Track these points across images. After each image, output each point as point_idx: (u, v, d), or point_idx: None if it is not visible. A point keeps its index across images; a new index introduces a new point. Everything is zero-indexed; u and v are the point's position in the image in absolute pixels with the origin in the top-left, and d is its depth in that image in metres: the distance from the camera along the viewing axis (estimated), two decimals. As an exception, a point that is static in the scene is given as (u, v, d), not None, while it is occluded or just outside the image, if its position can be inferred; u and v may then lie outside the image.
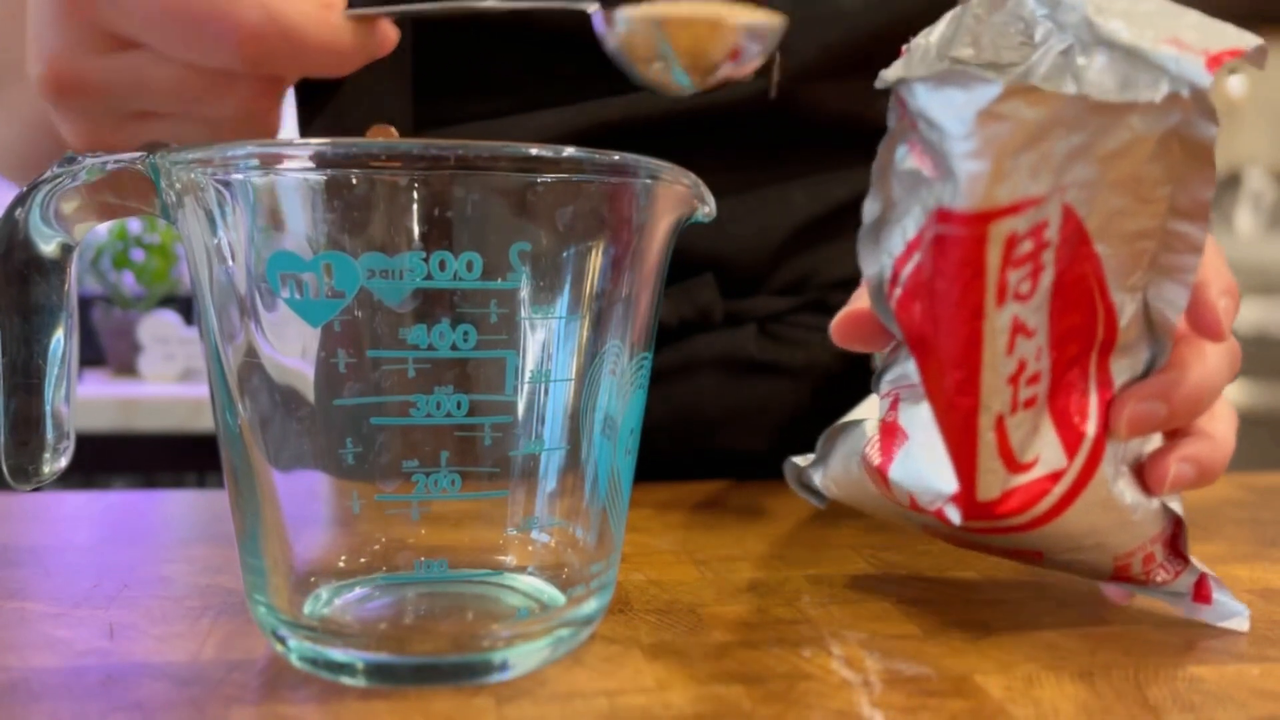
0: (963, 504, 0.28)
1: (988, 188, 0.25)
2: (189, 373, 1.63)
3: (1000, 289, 0.26)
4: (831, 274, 0.61)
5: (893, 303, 0.29)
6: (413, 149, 0.24)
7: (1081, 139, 0.26)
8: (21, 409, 0.30)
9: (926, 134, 0.26)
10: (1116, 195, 0.27)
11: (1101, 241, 0.27)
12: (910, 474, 0.30)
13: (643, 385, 0.31)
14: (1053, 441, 0.29)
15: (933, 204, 0.26)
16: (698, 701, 0.26)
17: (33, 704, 0.25)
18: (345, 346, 0.26)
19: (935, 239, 0.26)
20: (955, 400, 0.27)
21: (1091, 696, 0.27)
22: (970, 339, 0.26)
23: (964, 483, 0.28)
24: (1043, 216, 0.26)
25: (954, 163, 0.25)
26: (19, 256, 0.29)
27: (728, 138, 0.54)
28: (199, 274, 0.27)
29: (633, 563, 0.38)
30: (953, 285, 0.26)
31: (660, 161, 0.27)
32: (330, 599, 0.29)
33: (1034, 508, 0.28)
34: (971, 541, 0.33)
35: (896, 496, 0.31)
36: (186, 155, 0.26)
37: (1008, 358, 0.27)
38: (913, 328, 0.28)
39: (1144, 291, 0.29)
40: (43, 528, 0.42)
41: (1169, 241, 0.28)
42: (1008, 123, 0.25)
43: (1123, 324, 0.29)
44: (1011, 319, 0.26)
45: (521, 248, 0.26)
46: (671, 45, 0.34)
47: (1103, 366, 0.29)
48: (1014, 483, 0.28)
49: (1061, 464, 0.29)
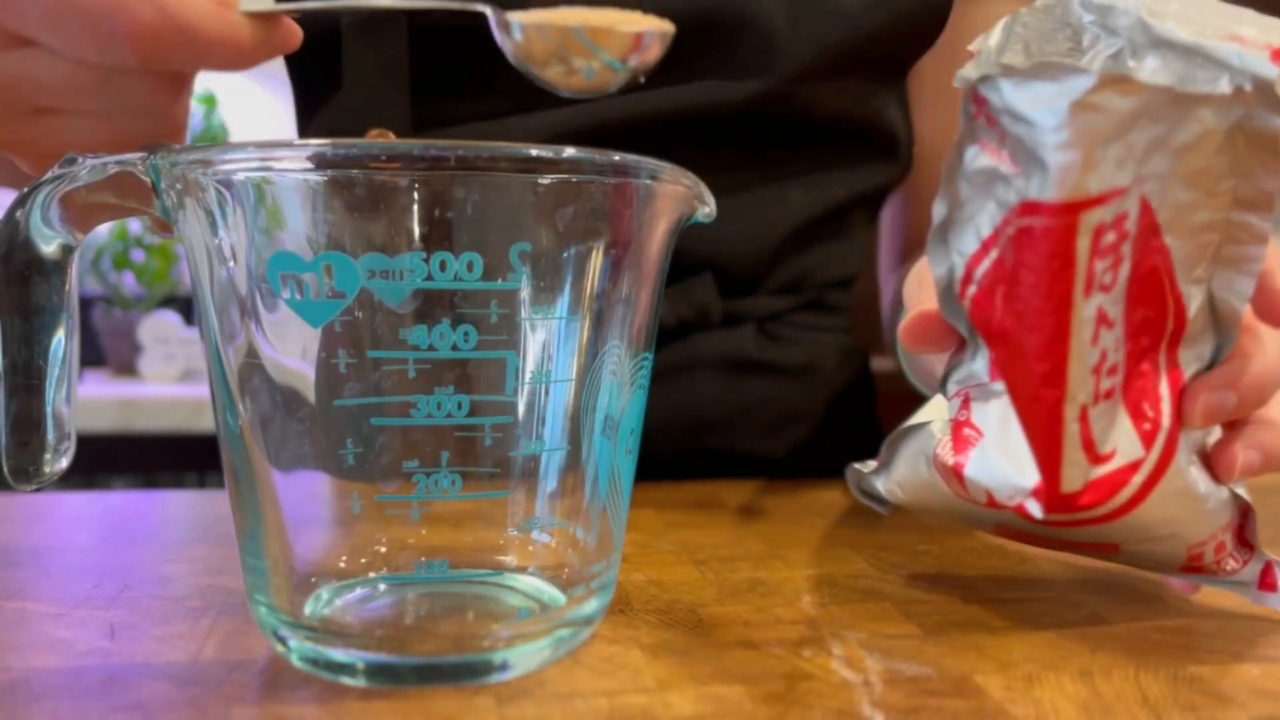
0: (1044, 497, 0.29)
1: (1079, 178, 0.26)
2: (189, 373, 1.63)
3: (1088, 279, 0.27)
4: (829, 273, 0.61)
5: (966, 301, 0.30)
6: (413, 149, 0.24)
7: (1160, 131, 0.26)
8: (22, 409, 0.30)
9: (1011, 129, 0.27)
10: (1185, 188, 0.27)
11: (1170, 234, 0.28)
12: (987, 470, 0.30)
13: (643, 385, 0.31)
14: (1129, 432, 0.29)
15: (1014, 199, 0.27)
16: (698, 701, 0.26)
17: (33, 704, 0.25)
18: (346, 347, 0.26)
19: (1019, 232, 0.27)
20: (1041, 392, 0.28)
21: (1092, 696, 0.27)
22: (1058, 331, 0.27)
23: (1047, 475, 0.28)
24: (1125, 208, 0.27)
25: (1045, 154, 0.26)
26: (20, 257, 0.29)
27: (726, 138, 0.54)
28: (199, 274, 0.27)
29: (633, 563, 0.38)
30: (1041, 277, 0.27)
31: (660, 161, 0.27)
32: (331, 599, 0.29)
33: (1114, 498, 0.29)
34: (1046, 537, 0.33)
35: (972, 494, 0.31)
36: (187, 156, 0.26)
37: (1092, 348, 0.27)
38: (991, 323, 0.29)
39: (1209, 283, 0.29)
40: (44, 528, 0.42)
41: (1233, 233, 0.29)
42: (1099, 113, 0.25)
43: (1190, 315, 0.29)
44: (1097, 309, 0.27)
45: (522, 248, 0.26)
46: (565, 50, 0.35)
47: (1172, 358, 0.30)
48: (1095, 474, 0.29)
49: (1139, 454, 0.29)
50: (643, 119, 0.52)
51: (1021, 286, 0.28)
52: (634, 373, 0.30)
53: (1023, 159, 0.27)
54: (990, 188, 0.28)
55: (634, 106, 0.52)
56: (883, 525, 0.45)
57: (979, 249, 0.29)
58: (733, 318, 0.57)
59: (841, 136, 0.58)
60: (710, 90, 0.53)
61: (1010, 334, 0.28)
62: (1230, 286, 0.29)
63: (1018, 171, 0.27)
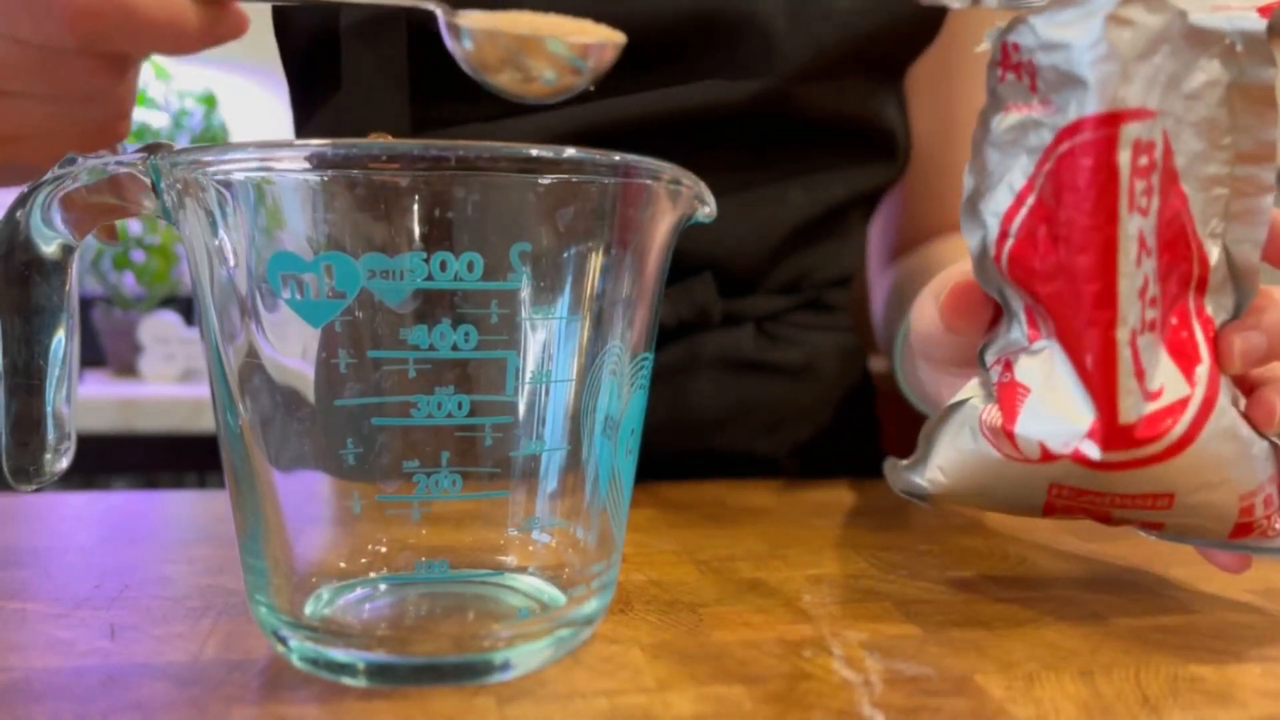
0: (1101, 434, 0.29)
1: (1117, 89, 0.28)
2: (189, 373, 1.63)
3: (1130, 194, 0.28)
4: (828, 273, 0.61)
5: (1004, 258, 0.31)
6: (413, 150, 0.24)
7: (1175, 69, 0.28)
8: (22, 410, 0.30)
9: (1046, 62, 0.29)
10: (1195, 137, 0.29)
11: (1186, 182, 0.29)
12: (1038, 422, 0.30)
13: (643, 385, 0.31)
14: (1172, 370, 0.30)
15: (1049, 137, 0.29)
16: (698, 702, 0.26)
17: (34, 704, 0.25)
18: (346, 347, 0.26)
19: (1060, 160, 0.29)
20: (1094, 315, 0.29)
21: (1092, 696, 0.27)
22: (1106, 246, 0.28)
23: (1104, 408, 0.29)
24: (1154, 135, 0.28)
25: (1084, 71, 0.28)
26: (20, 257, 0.29)
27: (725, 138, 0.54)
28: (200, 275, 0.27)
29: (633, 563, 0.38)
30: (1086, 193, 0.28)
31: (661, 161, 0.27)
32: (331, 599, 0.29)
33: (1168, 433, 0.29)
34: (1097, 502, 0.32)
35: (1025, 451, 0.31)
36: (187, 156, 0.26)
37: (1136, 271, 0.28)
38: (1034, 268, 0.30)
39: (1223, 239, 0.31)
40: (44, 528, 0.42)
41: (1239, 187, 0.30)
42: (1131, 27, 0.28)
43: (1212, 265, 0.30)
44: (1138, 230, 0.28)
45: (522, 248, 0.26)
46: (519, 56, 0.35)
47: (1200, 306, 0.31)
48: (1147, 409, 0.29)
49: (1185, 391, 0.29)
50: (642, 119, 0.52)
51: (1066, 210, 0.29)
52: (634, 373, 0.30)
53: (1058, 91, 0.29)
54: (1021, 141, 0.30)
55: (633, 107, 0.52)
56: (883, 526, 0.45)
57: (1013, 202, 0.31)
58: (732, 318, 0.57)
59: (840, 136, 0.58)
60: (709, 91, 0.53)
61: (1058, 266, 0.29)
62: (1243, 239, 0.31)
63: (1051, 110, 0.29)
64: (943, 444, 0.34)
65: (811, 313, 0.61)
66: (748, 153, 0.56)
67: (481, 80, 0.35)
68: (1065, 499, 0.32)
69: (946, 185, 0.66)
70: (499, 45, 0.34)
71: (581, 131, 0.52)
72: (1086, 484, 0.31)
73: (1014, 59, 0.30)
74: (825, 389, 0.61)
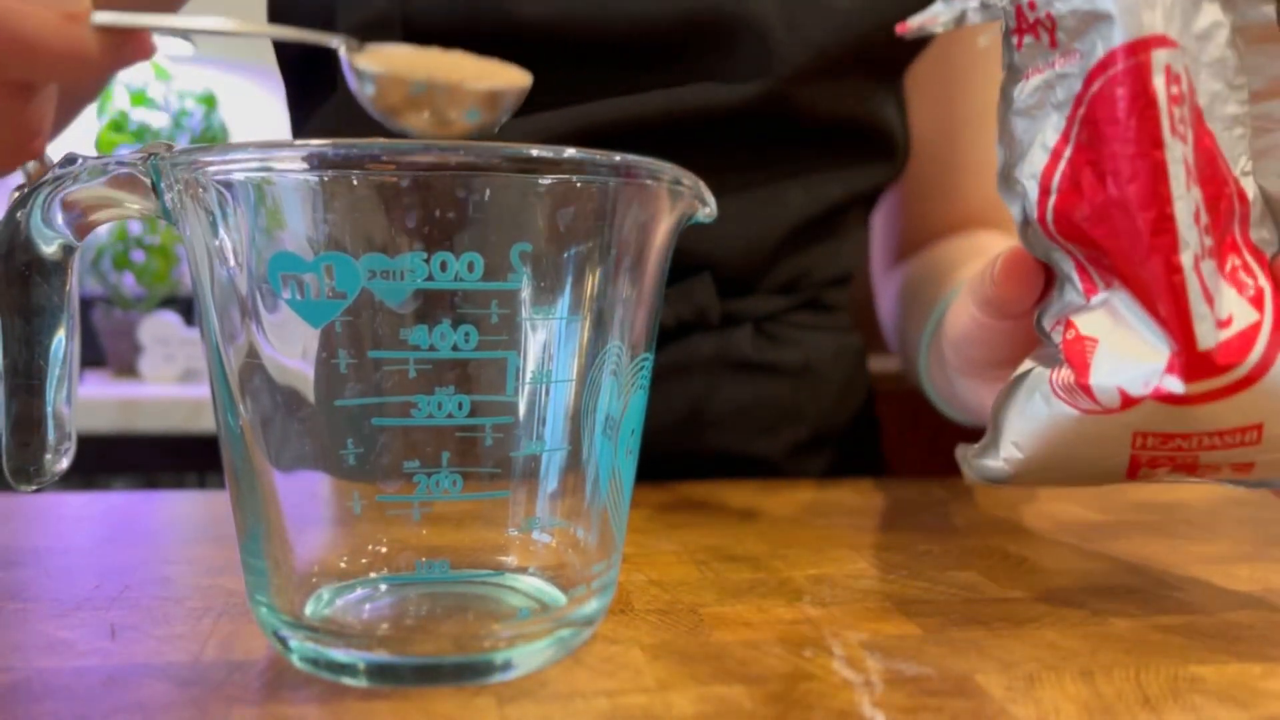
0: (1182, 365, 0.29)
1: (1143, 14, 0.28)
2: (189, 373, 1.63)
3: (1170, 119, 0.28)
4: (827, 272, 0.61)
5: (1049, 215, 0.31)
6: (414, 150, 0.24)
7: (1186, 4, 0.29)
8: (23, 410, 0.30)
9: (1068, 10, 0.30)
10: (1211, 77, 0.30)
11: (1210, 121, 0.30)
12: (1114, 368, 0.30)
13: (644, 386, 0.31)
14: (1236, 299, 0.30)
15: (1078, 86, 0.30)
16: (699, 702, 0.26)
17: (34, 704, 0.25)
18: (346, 347, 0.26)
19: (1095, 97, 0.29)
20: (1154, 242, 0.28)
21: (1092, 696, 0.27)
22: (1156, 170, 0.28)
23: (1181, 338, 0.29)
24: (1180, 67, 0.29)
25: (1109, 5, 0.29)
26: (20, 258, 0.29)
27: (723, 139, 0.54)
28: (200, 275, 0.27)
29: (634, 563, 0.38)
30: (1128, 122, 0.28)
31: (661, 162, 0.27)
32: (332, 599, 0.29)
33: (1247, 357, 0.29)
34: (1186, 445, 0.31)
35: (1104, 401, 0.30)
36: (187, 156, 0.26)
37: (1187, 194, 0.28)
38: (1083, 214, 0.30)
39: (1254, 176, 0.31)
40: (44, 529, 0.42)
41: (1259, 124, 0.31)
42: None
43: (1250, 198, 0.31)
44: (1183, 155, 0.28)
45: (523, 248, 0.26)
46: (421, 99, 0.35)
47: (1248, 239, 0.31)
48: (1222, 336, 0.29)
49: (1255, 317, 0.29)
50: (639, 121, 0.52)
51: (1110, 145, 0.29)
52: (635, 373, 0.30)
53: (1080, 36, 0.30)
54: (1047, 100, 0.31)
55: (631, 108, 0.52)
56: (883, 526, 0.45)
57: (1050, 159, 0.31)
58: (731, 318, 0.58)
59: (838, 137, 0.58)
60: (707, 93, 0.53)
61: (1109, 203, 0.29)
62: (1272, 172, 0.31)
63: (1075, 58, 0.30)
64: (1013, 417, 0.33)
65: (810, 313, 0.61)
66: (746, 153, 0.56)
67: (389, 123, 0.35)
68: (1152, 449, 0.31)
69: (950, 183, 0.66)
70: (403, 89, 0.34)
71: (580, 132, 0.52)
72: (1172, 425, 0.30)
73: (1030, 18, 0.31)
74: (825, 389, 0.61)
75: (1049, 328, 0.34)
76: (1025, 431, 0.33)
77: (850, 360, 0.63)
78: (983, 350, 0.40)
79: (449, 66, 0.34)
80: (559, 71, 0.52)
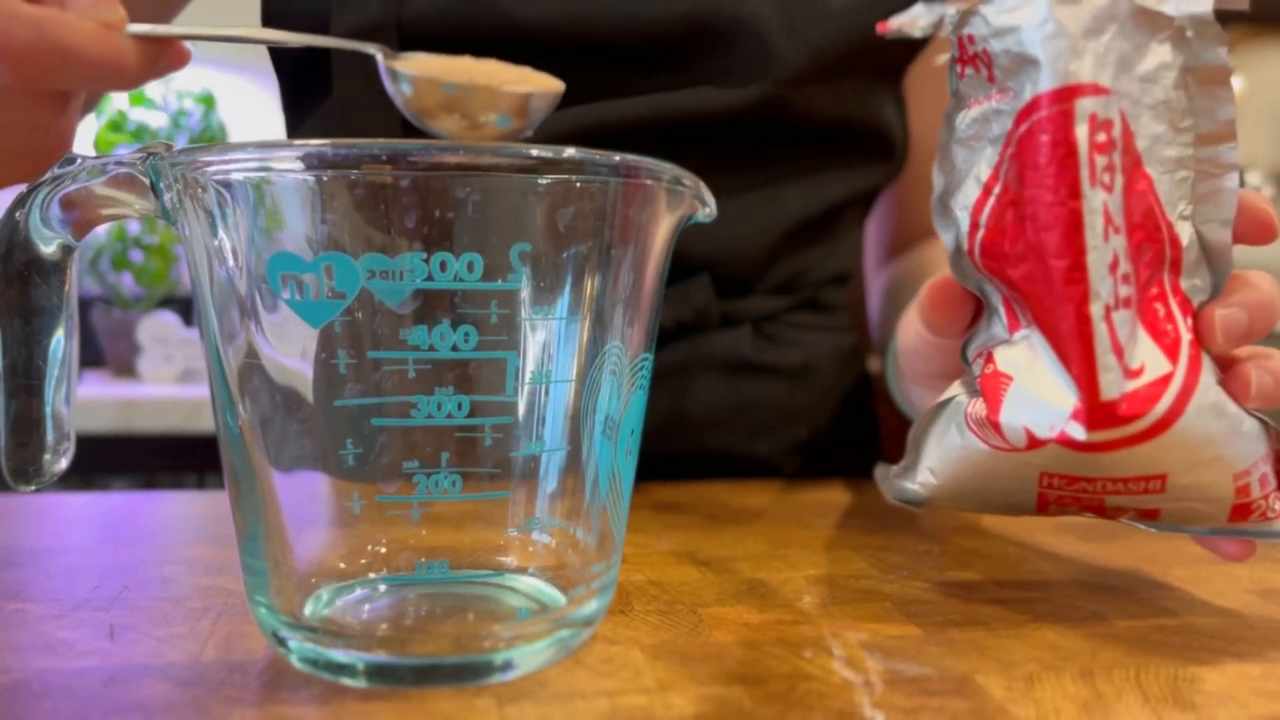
0: (1086, 414, 0.29)
1: (1068, 63, 0.28)
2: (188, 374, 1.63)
3: (1091, 169, 0.28)
4: (825, 272, 0.61)
5: (976, 249, 0.32)
6: (413, 150, 0.24)
7: (1126, 48, 0.29)
8: (22, 410, 0.30)
9: (1000, 47, 0.30)
10: (1154, 119, 0.30)
11: (1149, 164, 0.30)
12: (1022, 408, 0.30)
13: (643, 386, 0.31)
14: (1152, 349, 0.30)
15: (1009, 123, 0.30)
16: (698, 702, 0.26)
17: (34, 705, 0.25)
18: (346, 347, 0.26)
19: (1021, 140, 0.29)
20: (1066, 291, 0.29)
21: (1092, 696, 0.27)
22: (1071, 221, 0.28)
23: (1085, 387, 0.29)
24: (1111, 113, 0.29)
25: (1035, 50, 0.29)
26: (19, 258, 0.29)
27: (721, 140, 0.54)
28: (199, 275, 0.27)
29: (633, 563, 0.38)
30: (1047, 169, 0.29)
31: (661, 162, 0.27)
32: (331, 600, 0.29)
33: (1153, 409, 0.29)
34: (1090, 489, 0.31)
35: (1011, 439, 0.30)
36: (187, 156, 0.26)
37: (1105, 245, 0.28)
38: (1005, 252, 0.30)
39: (1193, 220, 0.31)
40: (43, 529, 0.42)
41: (1203, 168, 0.31)
42: (1075, 5, 0.29)
43: (1184, 245, 0.31)
44: (1103, 204, 0.28)
45: (522, 248, 0.26)
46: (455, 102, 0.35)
47: (1176, 287, 0.31)
48: (1129, 386, 0.29)
49: (1167, 368, 0.29)
50: (638, 122, 0.52)
51: (1030, 189, 0.29)
52: (634, 373, 0.30)
53: (1013, 75, 0.30)
54: (984, 134, 0.31)
55: (629, 110, 0.52)
56: (883, 526, 0.45)
57: (981, 193, 0.31)
58: (729, 318, 0.58)
59: (837, 138, 0.58)
60: (706, 96, 0.53)
61: (1027, 245, 0.30)
62: (1212, 218, 0.31)
63: (1009, 96, 0.30)
64: (931, 445, 0.34)
65: (808, 313, 0.61)
66: (744, 154, 0.56)
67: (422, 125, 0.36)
68: (1058, 489, 0.32)
69: None
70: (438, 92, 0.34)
71: (574, 133, 0.52)
72: (1077, 470, 0.31)
73: (970, 51, 0.31)
74: (823, 389, 0.61)
75: (971, 358, 0.34)
76: (941, 459, 0.34)
77: (848, 360, 0.63)
78: (927, 363, 0.41)
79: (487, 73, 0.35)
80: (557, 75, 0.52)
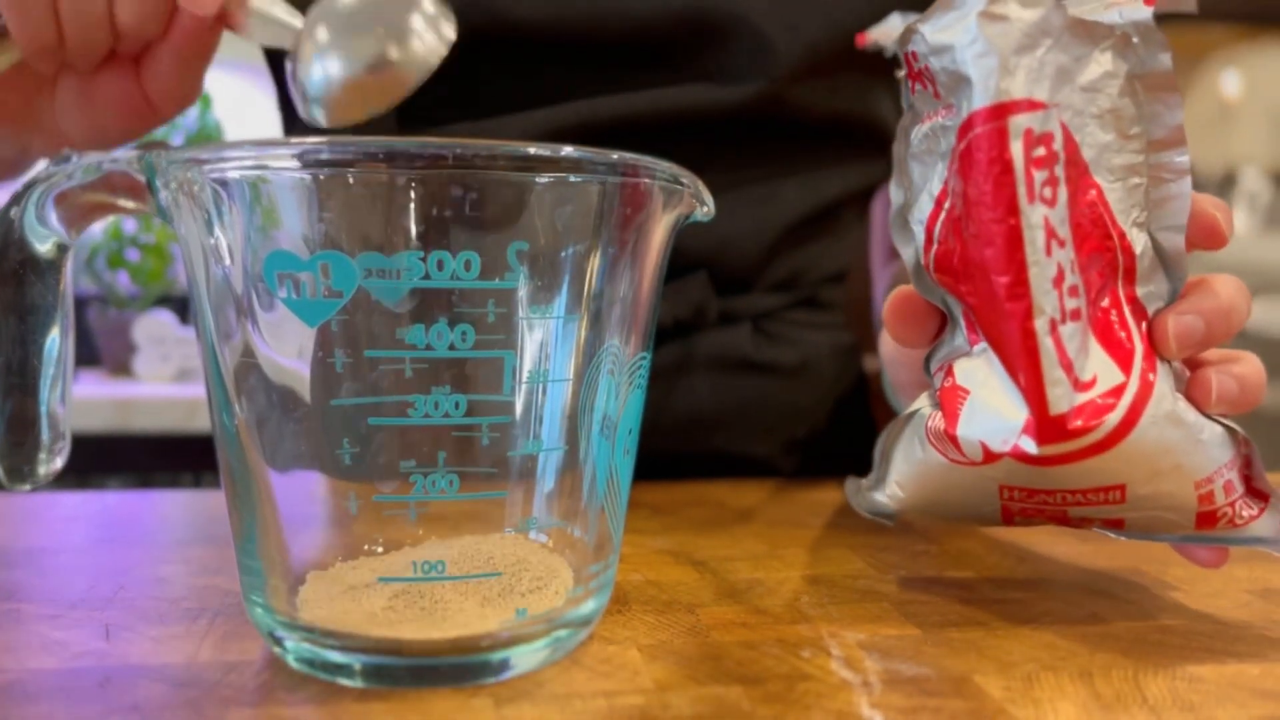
0: (1036, 428, 0.29)
1: (999, 81, 0.28)
2: (184, 373, 1.63)
3: (1029, 184, 0.28)
4: (823, 270, 0.61)
5: (930, 264, 0.31)
6: (410, 148, 0.24)
7: (1065, 61, 0.29)
8: (17, 409, 0.30)
9: (939, 65, 0.30)
10: (1102, 129, 0.30)
11: (1098, 173, 0.30)
12: (978, 422, 0.30)
13: (641, 385, 0.30)
14: (1105, 360, 0.29)
15: (954, 139, 0.29)
16: (696, 702, 0.26)
17: (29, 705, 0.25)
18: (342, 346, 0.26)
19: (962, 156, 0.29)
20: (1009, 307, 0.28)
21: (1091, 696, 0.27)
22: (1010, 237, 0.28)
23: (1034, 402, 0.29)
24: (1049, 127, 0.28)
25: (968, 69, 0.29)
26: (14, 256, 0.29)
27: (719, 136, 0.54)
28: (195, 274, 0.27)
29: (631, 563, 0.38)
30: (985, 185, 0.28)
31: (659, 160, 0.27)
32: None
33: (1105, 420, 0.29)
34: (1051, 501, 0.31)
35: (968, 454, 0.30)
36: (183, 155, 0.26)
37: (1048, 259, 0.28)
38: (955, 268, 0.30)
39: (1148, 227, 0.31)
40: (38, 529, 0.42)
41: (1156, 174, 0.30)
42: (1005, 22, 0.28)
43: (1138, 253, 0.30)
44: (1043, 219, 0.28)
45: (519, 247, 0.26)
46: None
47: (1131, 295, 0.31)
48: (1080, 399, 0.29)
49: (1120, 379, 0.29)
50: (635, 119, 0.52)
51: (970, 206, 0.29)
52: (632, 372, 0.30)
53: (953, 93, 0.30)
54: (935, 149, 0.31)
55: (627, 108, 0.52)
56: (881, 526, 0.45)
57: (934, 208, 0.31)
58: (728, 317, 0.57)
59: (835, 134, 0.58)
60: (703, 93, 0.53)
61: (971, 261, 0.29)
62: (1166, 224, 0.31)
63: (952, 112, 0.30)
64: (898, 458, 0.34)
65: (807, 310, 0.61)
66: (742, 151, 0.56)
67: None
68: (1020, 501, 0.32)
69: None
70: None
71: (572, 130, 0.52)
72: (1034, 483, 0.31)
73: (915, 68, 0.31)
74: (821, 388, 0.61)
75: (933, 370, 0.34)
76: (906, 473, 0.34)
77: (845, 359, 0.63)
78: (906, 373, 0.41)
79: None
80: (553, 72, 0.52)
